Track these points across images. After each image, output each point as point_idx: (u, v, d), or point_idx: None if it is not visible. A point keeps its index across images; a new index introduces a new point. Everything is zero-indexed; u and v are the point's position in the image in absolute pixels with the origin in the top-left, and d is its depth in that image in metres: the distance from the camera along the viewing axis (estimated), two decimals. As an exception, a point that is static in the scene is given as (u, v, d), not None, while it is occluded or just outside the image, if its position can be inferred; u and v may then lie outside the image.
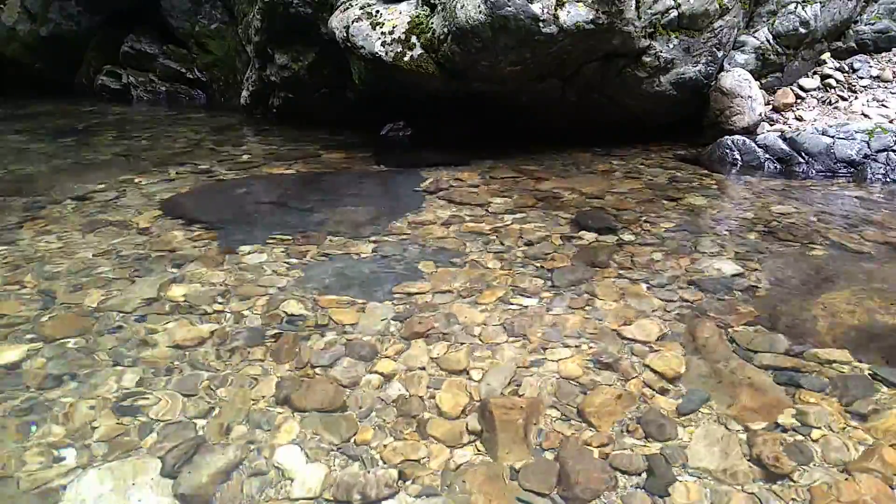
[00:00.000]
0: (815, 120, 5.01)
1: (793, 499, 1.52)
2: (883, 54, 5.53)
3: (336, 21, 5.06)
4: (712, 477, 1.59)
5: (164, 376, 2.03)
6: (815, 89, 5.36)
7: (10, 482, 1.59)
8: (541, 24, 4.12)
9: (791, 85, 5.43)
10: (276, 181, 4.48)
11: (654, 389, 1.95)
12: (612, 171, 4.57)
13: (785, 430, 1.75)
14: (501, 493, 1.55)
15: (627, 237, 3.23)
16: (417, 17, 4.73)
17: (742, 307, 2.46)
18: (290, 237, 3.23)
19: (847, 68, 5.47)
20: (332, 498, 1.54)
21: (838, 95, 5.23)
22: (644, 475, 1.60)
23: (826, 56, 5.60)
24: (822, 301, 2.46)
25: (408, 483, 1.58)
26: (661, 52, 4.76)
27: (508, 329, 2.31)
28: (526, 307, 2.48)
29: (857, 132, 4.49)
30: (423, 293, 2.59)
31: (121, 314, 2.43)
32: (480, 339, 2.24)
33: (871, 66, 5.42)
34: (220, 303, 2.52)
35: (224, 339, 2.25)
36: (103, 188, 4.17)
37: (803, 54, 5.53)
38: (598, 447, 1.70)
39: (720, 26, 5.00)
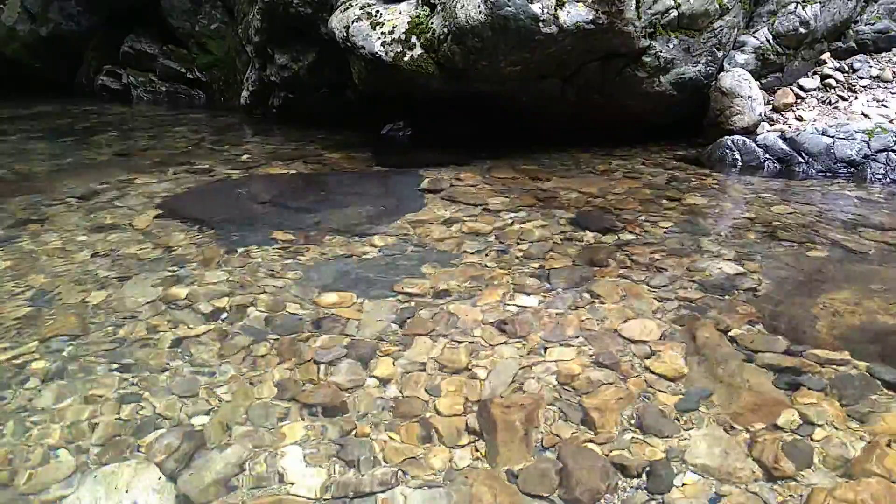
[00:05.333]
0: (815, 120, 5.01)
1: (793, 499, 1.52)
2: (883, 54, 5.53)
3: (336, 21, 5.06)
4: (713, 476, 1.59)
5: (164, 377, 2.03)
6: (815, 89, 5.36)
7: (9, 483, 1.59)
8: (541, 25, 4.12)
9: (791, 85, 5.43)
10: (276, 181, 4.47)
11: (654, 389, 1.95)
12: (612, 171, 4.57)
13: (785, 430, 1.75)
14: (503, 492, 1.55)
15: (627, 237, 3.23)
16: (417, 17, 4.73)
17: (742, 307, 2.46)
18: (290, 237, 3.23)
19: (847, 68, 5.47)
20: (330, 497, 1.54)
21: (838, 95, 5.23)
22: (645, 475, 1.60)
23: (826, 56, 5.60)
24: (822, 301, 2.46)
25: (408, 482, 1.58)
26: (661, 52, 4.76)
27: (508, 329, 2.30)
28: (526, 307, 2.48)
29: (857, 132, 4.49)
30: (424, 293, 2.59)
31: (121, 314, 2.43)
32: (480, 339, 2.24)
33: (871, 66, 5.42)
34: (220, 303, 2.52)
35: (224, 340, 2.24)
36: (103, 188, 4.16)
37: (803, 54, 5.53)
38: (598, 447, 1.70)
39: (720, 26, 5.01)
